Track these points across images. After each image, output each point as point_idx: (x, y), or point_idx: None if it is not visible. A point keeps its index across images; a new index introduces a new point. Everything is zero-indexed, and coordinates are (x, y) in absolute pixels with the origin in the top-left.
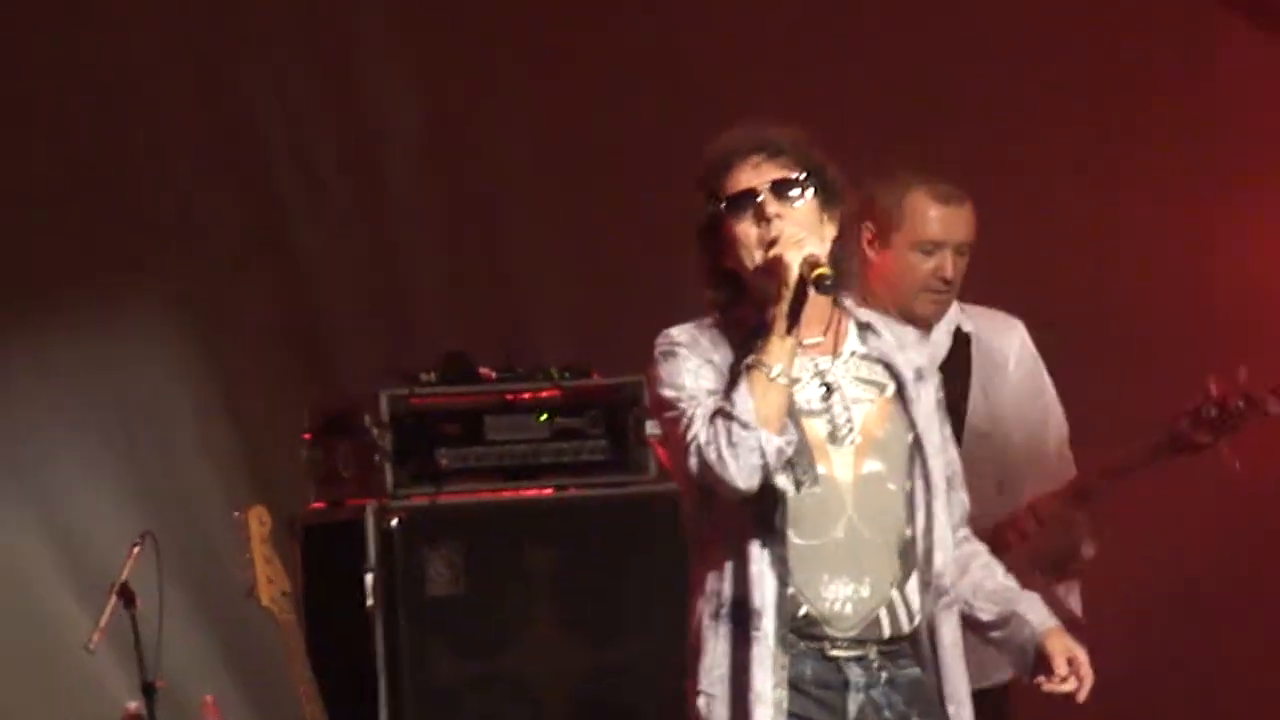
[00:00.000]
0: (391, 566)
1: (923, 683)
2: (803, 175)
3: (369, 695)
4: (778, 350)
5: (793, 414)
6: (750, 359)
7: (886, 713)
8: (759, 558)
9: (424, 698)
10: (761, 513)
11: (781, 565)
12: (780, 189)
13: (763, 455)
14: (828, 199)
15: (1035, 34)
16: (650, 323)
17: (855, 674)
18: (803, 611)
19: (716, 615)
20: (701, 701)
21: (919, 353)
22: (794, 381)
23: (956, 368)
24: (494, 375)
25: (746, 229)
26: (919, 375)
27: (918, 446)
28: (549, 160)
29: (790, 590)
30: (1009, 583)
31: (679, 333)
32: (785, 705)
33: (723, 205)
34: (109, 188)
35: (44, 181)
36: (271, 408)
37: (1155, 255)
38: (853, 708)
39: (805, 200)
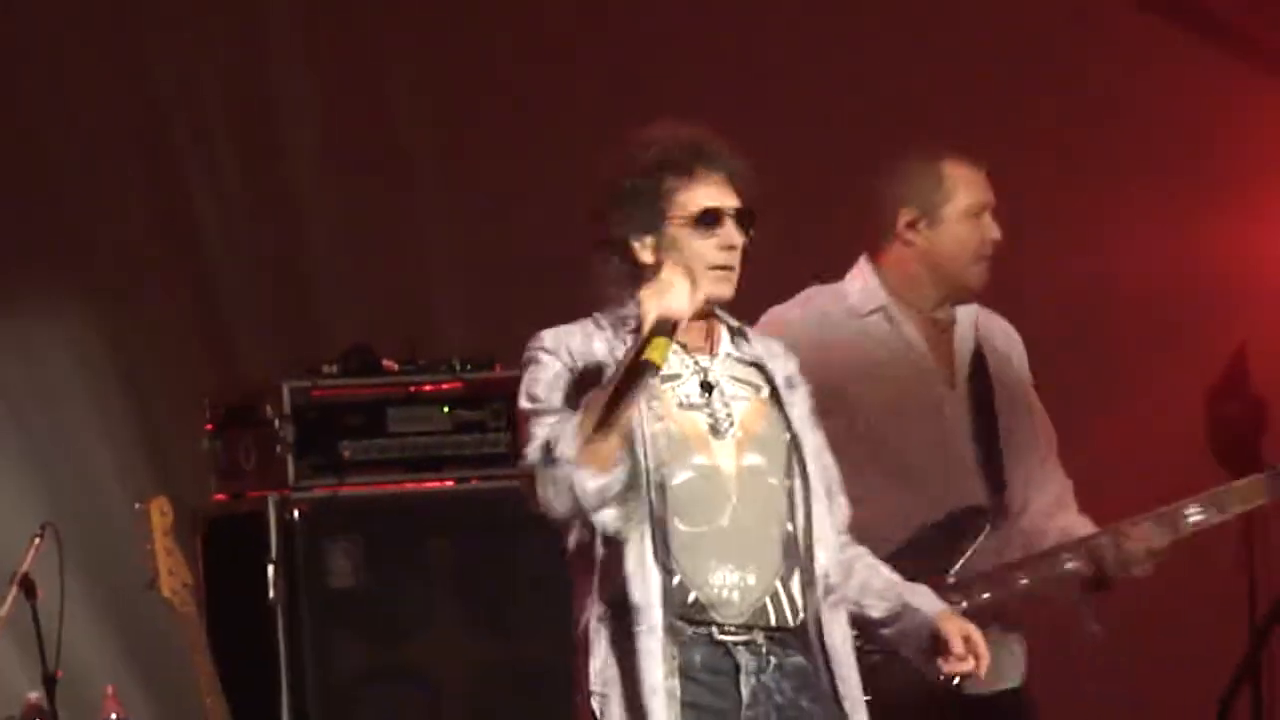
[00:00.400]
0: (293, 558)
1: (808, 672)
2: (752, 210)
3: (271, 687)
4: (615, 410)
5: (675, 408)
6: (588, 397)
7: (778, 697)
8: (641, 550)
9: (326, 689)
10: (643, 506)
11: (666, 553)
12: (743, 220)
13: (573, 494)
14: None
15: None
16: (553, 315)
17: (745, 658)
18: (691, 598)
19: (602, 614)
20: (595, 702)
21: (787, 362)
22: (621, 430)
23: (981, 364)
24: (396, 367)
25: (704, 246)
26: (790, 383)
27: (795, 446)
28: (451, 153)
29: (677, 578)
30: (894, 578)
31: (549, 337)
32: (678, 694)
33: (689, 216)
34: (12, 176)
35: None
36: (174, 399)
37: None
38: (745, 692)
39: (749, 236)
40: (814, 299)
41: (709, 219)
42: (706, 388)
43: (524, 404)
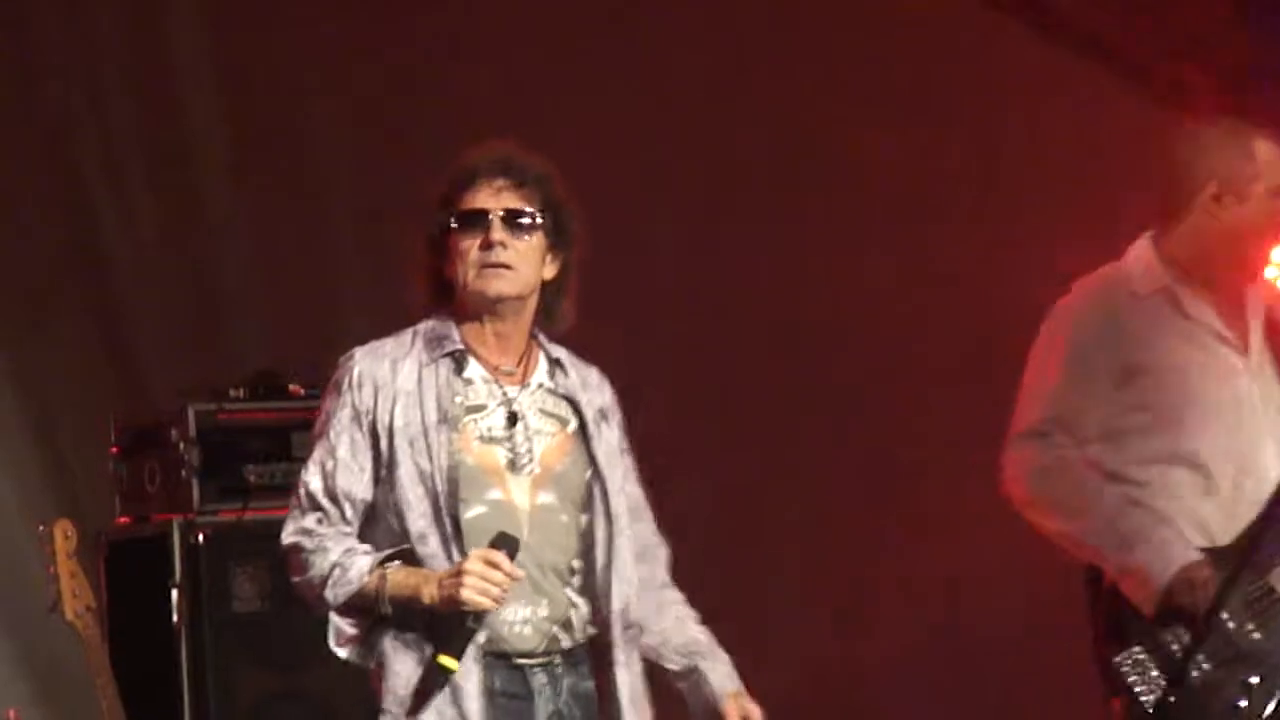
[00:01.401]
0: (197, 582)
1: (593, 699)
2: (538, 210)
3: (174, 710)
4: (405, 593)
5: (475, 441)
6: (384, 572)
7: None
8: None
9: (228, 713)
10: (429, 537)
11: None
12: (512, 218)
13: (324, 619)
14: (557, 239)
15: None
16: None
17: (540, 683)
18: (483, 637)
19: (396, 637)
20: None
21: (601, 394)
22: (385, 616)
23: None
24: (303, 392)
25: (468, 245)
26: (601, 416)
27: (598, 481)
28: (363, 177)
29: (470, 616)
30: (699, 637)
31: (361, 363)
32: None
33: (453, 219)
34: None
35: None
36: (78, 421)
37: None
38: (541, 715)
39: (532, 237)
40: (1100, 281)
41: (469, 219)
42: (512, 420)
43: (316, 432)
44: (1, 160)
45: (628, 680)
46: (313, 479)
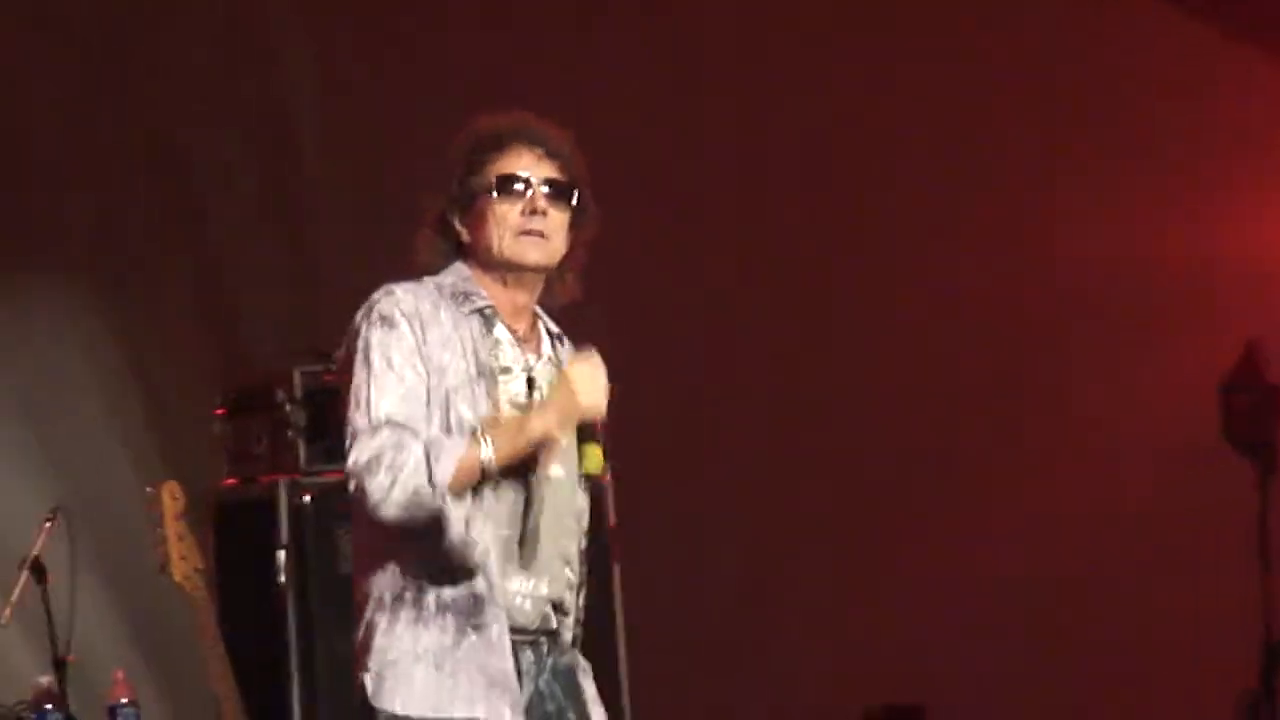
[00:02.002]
0: (303, 543)
1: (575, 673)
2: (574, 187)
3: (280, 671)
4: (506, 447)
5: (506, 406)
6: (484, 423)
7: (549, 705)
8: (439, 540)
9: (335, 674)
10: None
11: (464, 552)
12: (554, 188)
13: (427, 514)
14: (577, 216)
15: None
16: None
17: (527, 661)
18: (489, 607)
19: (392, 594)
20: (369, 679)
21: None
22: (493, 476)
23: None
24: None
25: (507, 210)
26: None
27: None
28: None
29: (480, 579)
30: None
31: (405, 297)
32: (441, 668)
33: (494, 182)
34: (22, 164)
35: None
36: (185, 384)
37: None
38: (525, 696)
39: (567, 209)
40: None
41: (509, 184)
42: (530, 385)
43: (377, 362)
44: (103, 125)
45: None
46: (384, 401)
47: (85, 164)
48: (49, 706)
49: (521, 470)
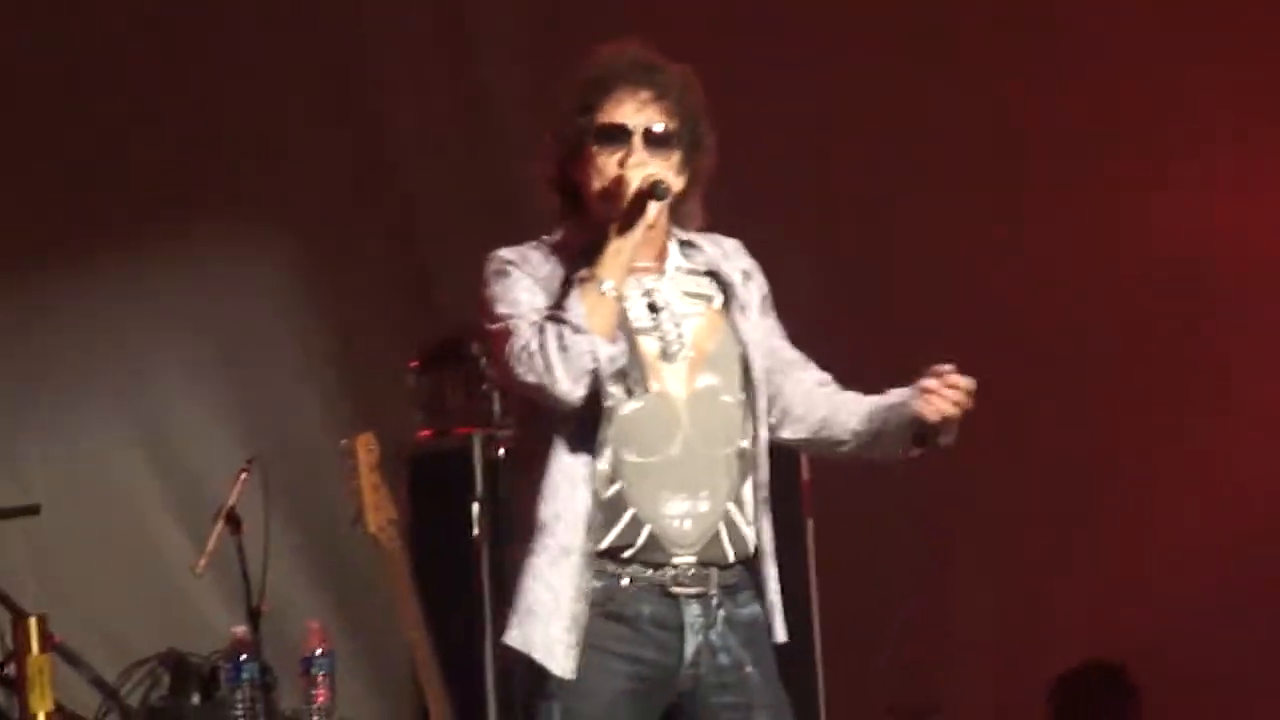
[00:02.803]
0: (497, 496)
1: (759, 623)
2: (678, 127)
3: (474, 623)
4: (610, 263)
5: (624, 330)
6: (582, 272)
7: (722, 656)
8: (570, 470)
9: None
10: (585, 427)
11: (613, 486)
12: (652, 137)
13: (595, 359)
14: (690, 153)
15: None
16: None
17: (693, 614)
18: (644, 533)
19: (532, 531)
20: (511, 616)
21: (739, 257)
22: (623, 297)
23: None
24: None
25: (606, 161)
26: (746, 276)
27: (744, 361)
28: None
29: (631, 511)
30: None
31: (509, 252)
32: (583, 621)
33: (594, 129)
34: (221, 113)
35: (154, 103)
36: (379, 337)
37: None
38: (688, 650)
39: (671, 154)
40: None
41: (608, 134)
42: (653, 309)
43: (501, 309)
44: (300, 79)
45: (765, 544)
46: (524, 315)
47: (282, 120)
48: (244, 656)
49: (662, 397)
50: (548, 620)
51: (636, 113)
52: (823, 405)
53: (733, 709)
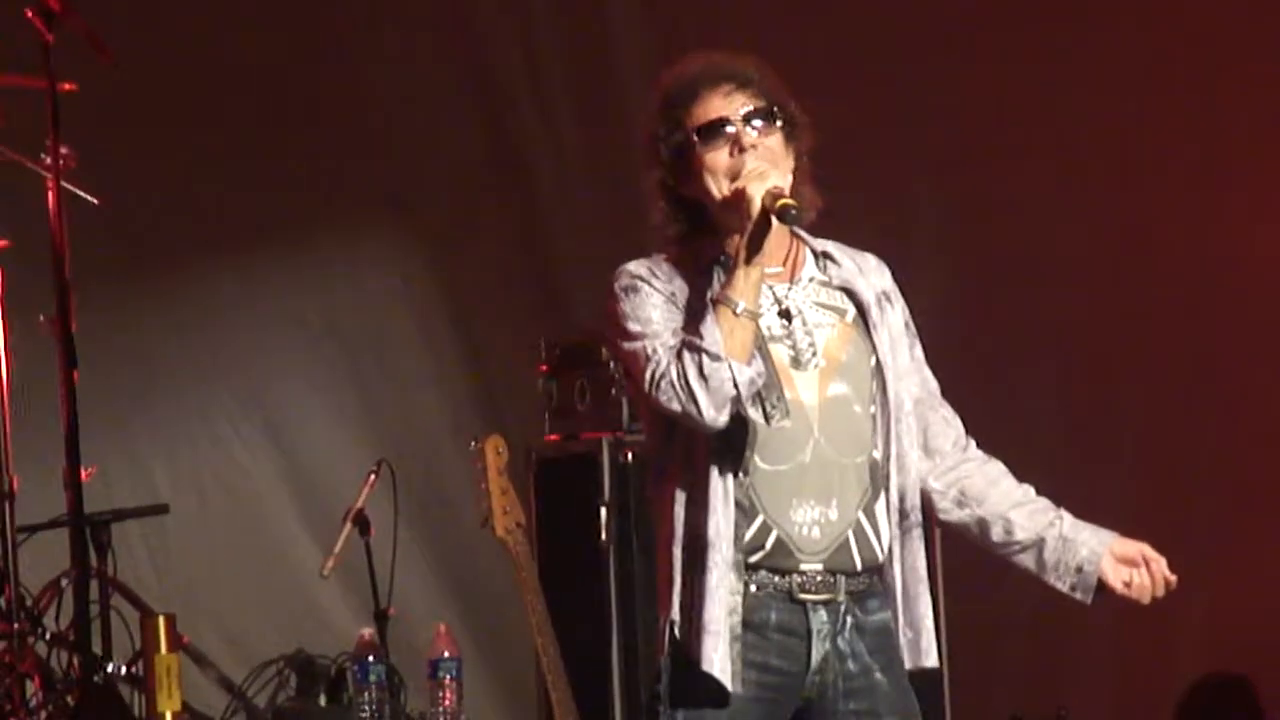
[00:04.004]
0: (625, 501)
1: (890, 630)
2: (768, 105)
3: (602, 628)
4: (742, 284)
5: (757, 343)
6: (715, 293)
7: (850, 663)
8: (719, 486)
9: (656, 632)
10: (726, 442)
11: (744, 492)
12: (754, 118)
13: (735, 386)
14: (790, 133)
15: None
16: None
17: (820, 621)
18: (772, 538)
19: (681, 545)
20: (675, 630)
21: (880, 277)
22: (758, 315)
23: None
24: None
25: (717, 158)
26: (884, 298)
27: (879, 370)
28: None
29: (760, 518)
30: (1041, 499)
31: (637, 267)
32: (739, 633)
33: (694, 133)
34: (349, 117)
35: (279, 105)
36: (508, 340)
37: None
38: (815, 656)
39: (776, 132)
40: None
41: (710, 131)
42: (785, 316)
43: (634, 327)
44: (429, 84)
45: (899, 573)
46: (661, 345)
47: (411, 123)
48: (371, 658)
49: (795, 405)
50: (724, 637)
51: (727, 103)
52: (974, 475)
53: (860, 715)
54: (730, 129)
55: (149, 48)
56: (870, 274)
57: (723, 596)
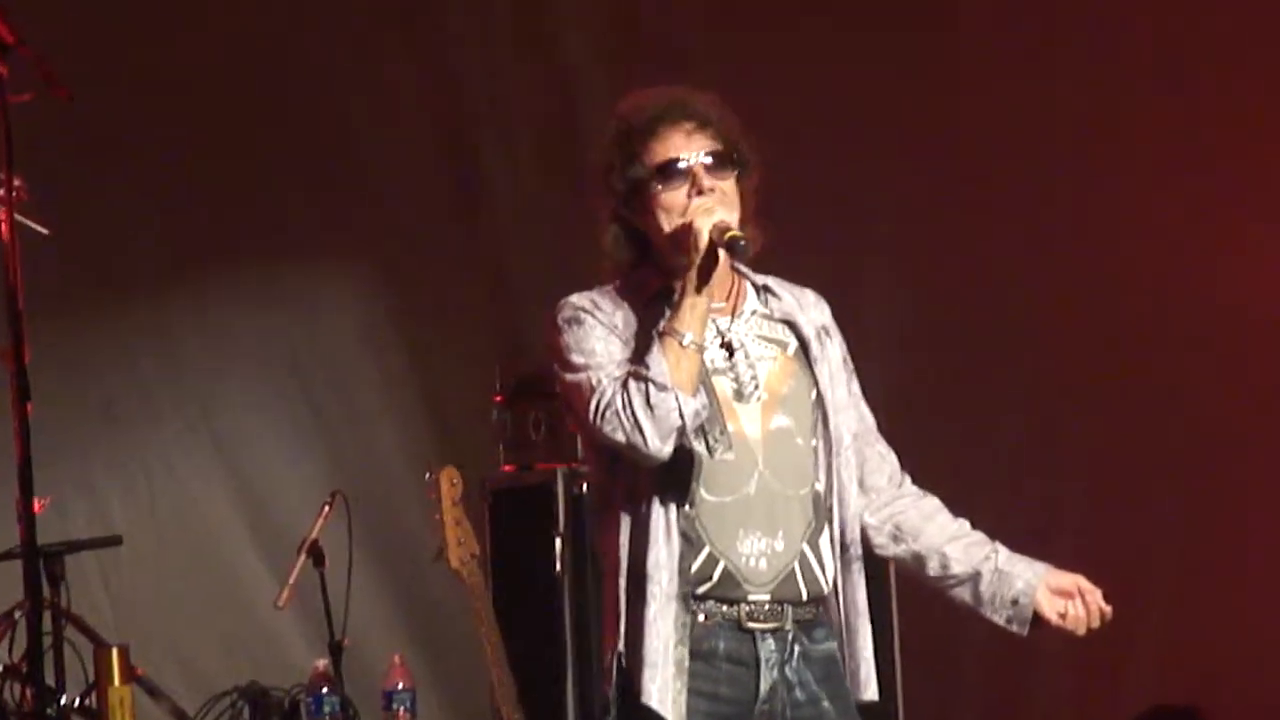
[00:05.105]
0: (580, 532)
1: (836, 659)
2: (726, 149)
3: (557, 659)
4: (688, 316)
5: (701, 376)
6: (661, 325)
7: (798, 692)
8: (660, 518)
9: None
10: (669, 474)
11: (689, 524)
12: (714, 161)
13: (681, 416)
14: (743, 173)
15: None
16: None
17: (768, 650)
18: (719, 569)
19: (625, 577)
20: (621, 661)
21: (820, 312)
22: (704, 348)
23: None
24: None
25: (674, 197)
26: (824, 332)
27: (820, 404)
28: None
29: (705, 550)
30: (978, 534)
31: (580, 299)
32: (686, 664)
33: (653, 171)
34: (307, 150)
35: (240, 143)
36: (462, 371)
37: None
38: (764, 686)
39: (731, 174)
40: None
41: (669, 170)
42: (728, 349)
43: (577, 359)
44: (388, 116)
45: (841, 605)
46: (605, 376)
47: (367, 157)
48: (325, 689)
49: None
50: (663, 668)
51: (687, 143)
52: (909, 511)
53: None
54: (689, 169)
55: (103, 75)
56: (810, 309)
57: (661, 628)
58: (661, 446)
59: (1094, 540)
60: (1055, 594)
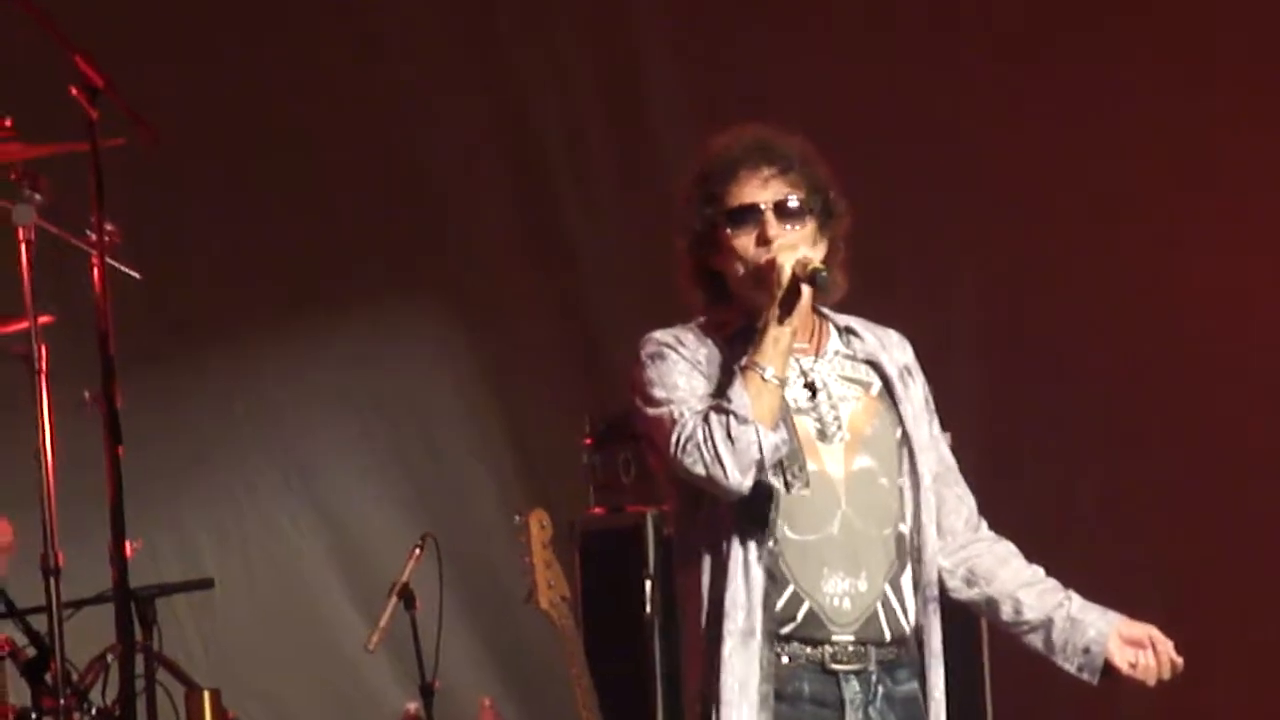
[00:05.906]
0: (670, 574)
1: (918, 700)
2: (807, 197)
3: (646, 701)
4: (770, 351)
5: (783, 414)
6: (744, 360)
7: None
8: (739, 556)
9: None
10: (753, 511)
11: (773, 561)
12: (784, 211)
13: (760, 450)
14: (824, 220)
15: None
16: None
17: (852, 691)
18: (804, 609)
19: (705, 615)
20: (700, 704)
21: (903, 352)
22: (785, 382)
23: None
24: None
25: (744, 243)
26: (906, 373)
27: (906, 443)
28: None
29: (790, 589)
30: (1050, 580)
31: (663, 335)
32: (771, 701)
33: (724, 215)
34: (390, 193)
35: (324, 184)
36: (553, 414)
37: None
38: None
39: (804, 224)
40: None
41: (739, 216)
42: (811, 389)
43: (660, 393)
44: (476, 156)
45: (934, 647)
46: (687, 410)
47: (452, 199)
48: None
49: (821, 476)
50: (738, 706)
51: (762, 189)
52: (984, 555)
53: None
54: (758, 217)
55: (191, 120)
56: (893, 349)
57: (737, 666)
58: (742, 480)
59: (1168, 590)
60: (1127, 643)
